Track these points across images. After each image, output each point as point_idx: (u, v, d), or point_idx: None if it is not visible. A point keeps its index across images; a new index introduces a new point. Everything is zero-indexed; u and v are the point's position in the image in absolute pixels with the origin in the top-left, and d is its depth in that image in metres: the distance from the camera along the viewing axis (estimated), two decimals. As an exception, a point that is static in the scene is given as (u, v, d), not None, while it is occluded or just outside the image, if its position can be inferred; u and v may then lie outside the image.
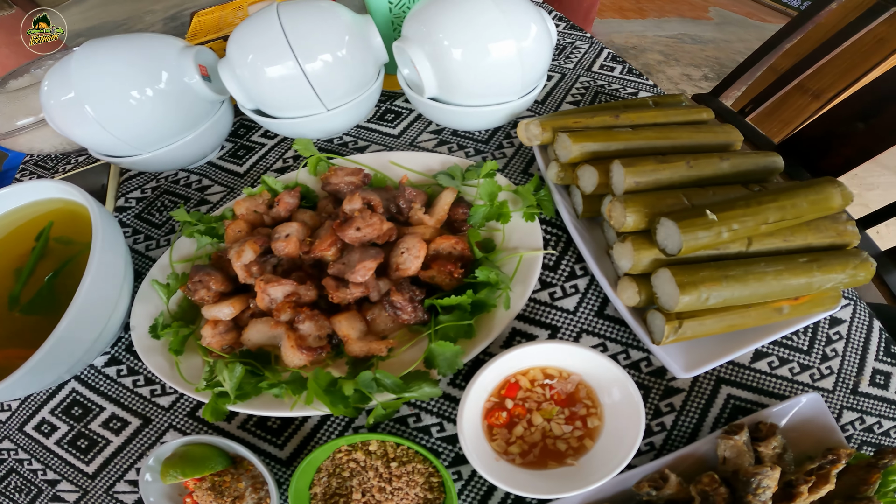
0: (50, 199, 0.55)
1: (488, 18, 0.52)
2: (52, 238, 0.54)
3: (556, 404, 0.45)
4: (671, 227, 0.42)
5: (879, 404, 0.51)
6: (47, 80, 0.56)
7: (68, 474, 0.48)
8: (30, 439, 0.51)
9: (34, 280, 0.52)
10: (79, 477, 0.48)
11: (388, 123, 0.73)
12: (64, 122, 0.56)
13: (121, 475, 0.48)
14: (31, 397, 0.54)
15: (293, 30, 0.53)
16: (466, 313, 0.47)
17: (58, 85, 0.54)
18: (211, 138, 0.65)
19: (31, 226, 0.55)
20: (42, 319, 0.49)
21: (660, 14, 3.43)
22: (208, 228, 0.56)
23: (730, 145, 0.56)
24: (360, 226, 0.48)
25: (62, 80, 0.54)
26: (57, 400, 0.53)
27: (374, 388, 0.43)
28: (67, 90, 0.54)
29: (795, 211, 0.45)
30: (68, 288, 0.47)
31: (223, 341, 0.48)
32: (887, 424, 0.50)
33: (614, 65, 0.84)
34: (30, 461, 0.49)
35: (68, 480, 0.48)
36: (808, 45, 1.49)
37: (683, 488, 0.41)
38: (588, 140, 0.51)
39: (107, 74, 0.54)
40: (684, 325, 0.44)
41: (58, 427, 0.51)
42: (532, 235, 0.53)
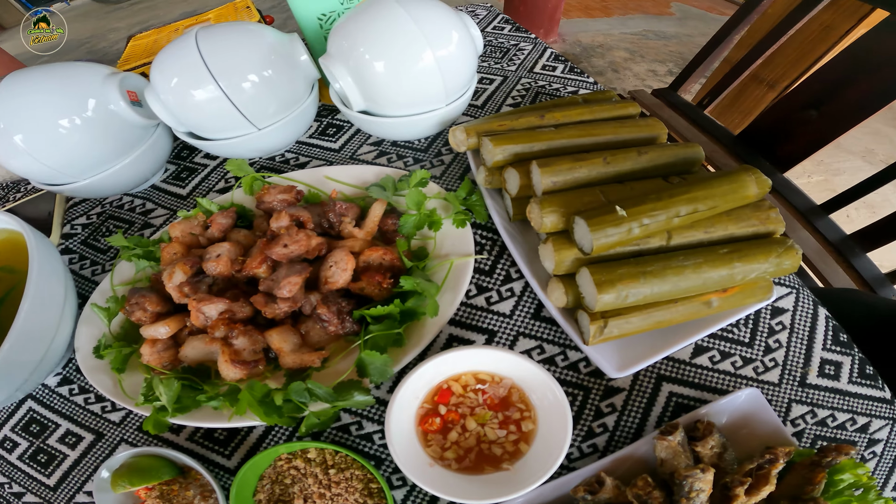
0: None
1: (403, 30, 0.53)
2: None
3: (489, 409, 0.45)
4: (583, 227, 0.43)
5: (831, 396, 0.50)
6: (-23, 113, 0.56)
7: (32, 487, 0.50)
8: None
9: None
10: (41, 489, 0.50)
11: (330, 138, 0.74)
12: (0, 153, 0.57)
13: (79, 486, 0.49)
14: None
15: (211, 53, 0.54)
16: (395, 322, 0.48)
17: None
18: (149, 162, 0.65)
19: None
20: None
21: (624, 11, 3.49)
22: (146, 252, 0.56)
23: (655, 138, 0.57)
24: (287, 242, 0.49)
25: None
26: (16, 418, 0.54)
27: (306, 398, 0.44)
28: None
29: (710, 202, 0.45)
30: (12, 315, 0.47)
31: (162, 359, 0.49)
32: (842, 417, 0.49)
33: (556, 64, 0.86)
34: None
35: (32, 493, 0.50)
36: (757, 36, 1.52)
37: (621, 492, 0.40)
38: (510, 142, 0.52)
39: (33, 105, 0.55)
40: (609, 323, 0.44)
41: (19, 443, 0.53)
42: (464, 241, 0.54)
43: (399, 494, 0.46)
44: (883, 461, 0.47)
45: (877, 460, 0.47)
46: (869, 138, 2.46)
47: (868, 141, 2.44)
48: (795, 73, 1.69)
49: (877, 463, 0.47)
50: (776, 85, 1.77)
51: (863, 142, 2.44)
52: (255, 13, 0.84)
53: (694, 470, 0.37)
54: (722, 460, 0.42)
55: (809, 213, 1.21)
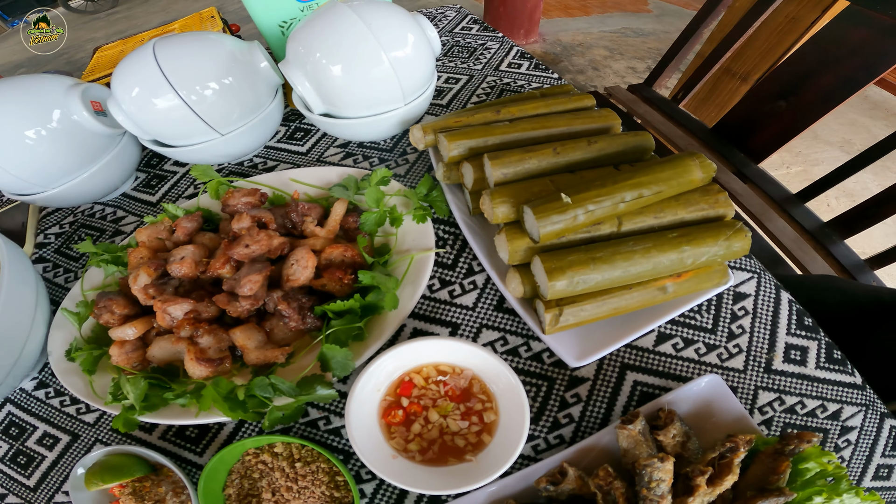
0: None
1: (356, 35, 0.55)
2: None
3: (451, 400, 0.45)
4: (531, 215, 0.44)
5: (798, 382, 0.49)
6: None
7: (13, 488, 0.51)
8: (-25, 459, 0.53)
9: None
10: (22, 490, 0.51)
11: (297, 142, 0.76)
12: (-33, 164, 0.57)
13: (58, 486, 0.50)
14: (-30, 421, 0.56)
15: (169, 63, 0.55)
16: (356, 317, 0.49)
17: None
18: (116, 170, 0.66)
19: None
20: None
21: (603, 10, 3.52)
22: (114, 257, 0.57)
23: (609, 129, 0.58)
24: (248, 242, 0.50)
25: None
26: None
27: (270, 393, 0.45)
28: (-38, 135, 0.55)
29: (655, 187, 0.45)
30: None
31: (131, 359, 0.50)
32: (811, 404, 0.48)
33: (522, 61, 0.88)
34: (-24, 478, 0.52)
35: (14, 494, 0.51)
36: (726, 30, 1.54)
37: (584, 483, 0.40)
38: (464, 138, 0.54)
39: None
40: (565, 311, 0.44)
41: None
42: (425, 236, 0.56)
43: (369, 488, 0.46)
44: (859, 449, 0.47)
45: (852, 449, 0.47)
46: (846, 129, 2.50)
47: (845, 131, 2.48)
48: (766, 65, 1.72)
49: (852, 452, 0.46)
50: (748, 78, 1.79)
51: (840, 132, 2.47)
52: (218, 22, 0.86)
53: (652, 459, 0.37)
54: (686, 449, 0.41)
55: (785, 202, 1.22)
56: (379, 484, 0.46)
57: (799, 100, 1.20)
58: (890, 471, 0.46)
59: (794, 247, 1.12)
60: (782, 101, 1.23)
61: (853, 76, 1.09)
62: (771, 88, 1.25)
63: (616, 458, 0.43)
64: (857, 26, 1.07)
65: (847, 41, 1.09)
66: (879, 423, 0.47)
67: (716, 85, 1.93)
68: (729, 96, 1.90)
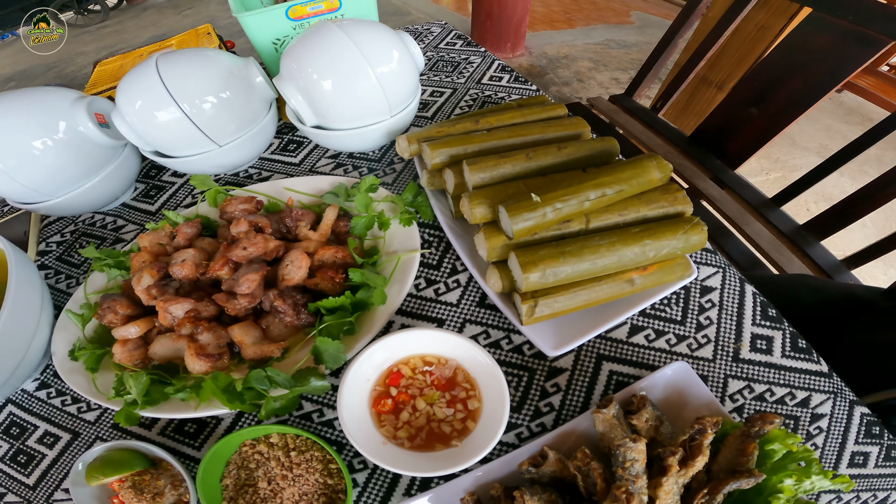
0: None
1: (344, 52, 0.59)
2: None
3: (437, 389, 0.48)
4: (504, 214, 0.48)
5: (766, 370, 0.51)
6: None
7: (12, 487, 0.52)
8: (-26, 459, 0.54)
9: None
10: (21, 489, 0.52)
11: (290, 153, 0.80)
12: (-28, 174, 0.60)
13: (57, 484, 0.52)
14: (-29, 422, 0.57)
15: (171, 78, 0.59)
16: (347, 312, 0.52)
17: (-37, 140, 0.59)
18: (118, 181, 0.70)
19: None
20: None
21: (587, 22, 3.62)
22: (117, 262, 0.60)
23: (579, 135, 0.62)
24: (245, 245, 0.53)
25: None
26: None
27: (266, 385, 0.48)
28: (-28, 144, 0.58)
29: (616, 186, 0.50)
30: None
31: (133, 357, 0.53)
32: (780, 391, 0.50)
33: (502, 74, 0.93)
34: (-25, 478, 0.53)
35: (13, 493, 0.52)
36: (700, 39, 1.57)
37: (564, 465, 0.42)
38: (445, 146, 0.58)
39: (8, 128, 0.59)
40: (540, 303, 0.48)
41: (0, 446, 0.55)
42: (411, 239, 0.60)
43: (361, 477, 0.49)
44: (831, 437, 0.49)
45: (824, 436, 0.48)
46: (822, 134, 2.57)
47: (822, 137, 2.55)
48: (740, 73, 1.76)
49: (825, 439, 0.48)
50: (724, 86, 1.85)
51: (816, 138, 2.55)
52: (214, 39, 0.90)
53: (626, 440, 0.39)
54: (659, 433, 0.43)
55: (762, 207, 1.26)
56: (371, 473, 0.49)
57: (769, 106, 1.24)
58: (865, 458, 0.48)
59: (771, 249, 1.15)
60: (754, 107, 1.27)
61: (819, 81, 1.12)
62: (743, 96, 1.29)
63: (594, 442, 0.45)
64: (820, 32, 1.11)
65: (811, 47, 1.13)
66: (849, 410, 0.50)
67: (693, 94, 1.99)
68: (706, 104, 1.96)
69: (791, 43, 1.18)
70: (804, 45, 1.14)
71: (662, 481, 0.38)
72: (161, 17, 4.65)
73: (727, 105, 1.35)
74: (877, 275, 1.77)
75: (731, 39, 1.72)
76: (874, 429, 0.49)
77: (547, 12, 3.75)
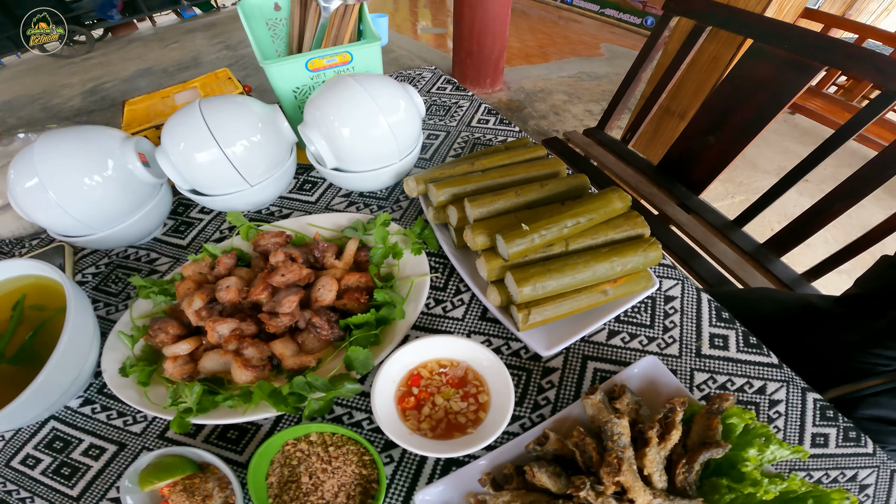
0: (18, 276, 0.64)
1: (361, 103, 0.69)
2: (26, 307, 0.63)
3: (451, 387, 0.57)
4: (501, 241, 0.59)
5: (724, 363, 0.60)
6: (13, 168, 0.64)
7: (55, 499, 0.55)
8: (16, 472, 0.57)
9: (14, 340, 0.61)
10: (65, 500, 0.54)
11: (307, 192, 0.89)
12: (28, 206, 0.65)
13: (103, 494, 0.55)
14: (14, 437, 0.61)
15: (213, 121, 0.67)
16: (373, 326, 0.62)
17: (23, 173, 0.63)
18: (155, 217, 0.77)
19: (6, 298, 0.64)
20: (24, 369, 0.57)
21: (560, 56, 3.84)
22: (162, 290, 0.68)
23: (557, 173, 0.74)
24: (283, 272, 0.63)
25: (26, 168, 0.63)
26: (38, 438, 0.60)
27: (306, 389, 0.56)
28: (32, 177, 0.62)
29: (588, 215, 0.61)
30: (46, 344, 0.58)
31: (183, 371, 0.60)
32: (739, 381, 0.59)
33: (489, 117, 1.05)
34: (18, 491, 0.56)
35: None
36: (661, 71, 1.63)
37: (563, 444, 0.49)
38: (449, 186, 0.69)
39: (63, 163, 0.64)
40: (532, 312, 0.58)
41: (42, 460, 0.58)
42: (420, 265, 0.70)
43: (389, 469, 0.55)
44: (790, 419, 0.56)
45: (784, 419, 0.56)
46: (780, 157, 2.77)
47: (780, 159, 2.75)
48: (698, 102, 1.83)
49: (785, 422, 0.56)
50: (685, 115, 1.98)
51: (775, 161, 2.75)
52: (237, 84, 0.99)
53: (611, 417, 0.46)
54: (639, 415, 0.51)
55: (725, 229, 1.37)
56: (397, 465, 0.55)
57: (723, 133, 1.34)
58: (825, 438, 0.56)
59: (735, 267, 1.25)
60: (710, 136, 1.38)
61: (765, 107, 1.22)
62: (700, 126, 1.40)
63: (586, 424, 0.54)
64: (762, 61, 1.21)
65: (755, 76, 1.23)
66: (802, 396, 0.58)
67: (659, 123, 2.11)
68: (671, 134, 2.08)
69: (737, 73, 1.29)
70: (749, 75, 1.25)
71: (646, 451, 0.46)
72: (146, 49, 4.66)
73: (687, 135, 1.46)
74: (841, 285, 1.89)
75: (688, 71, 1.83)
76: (828, 412, 0.57)
77: (523, 47, 3.98)
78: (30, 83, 4.19)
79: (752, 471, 0.44)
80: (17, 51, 4.56)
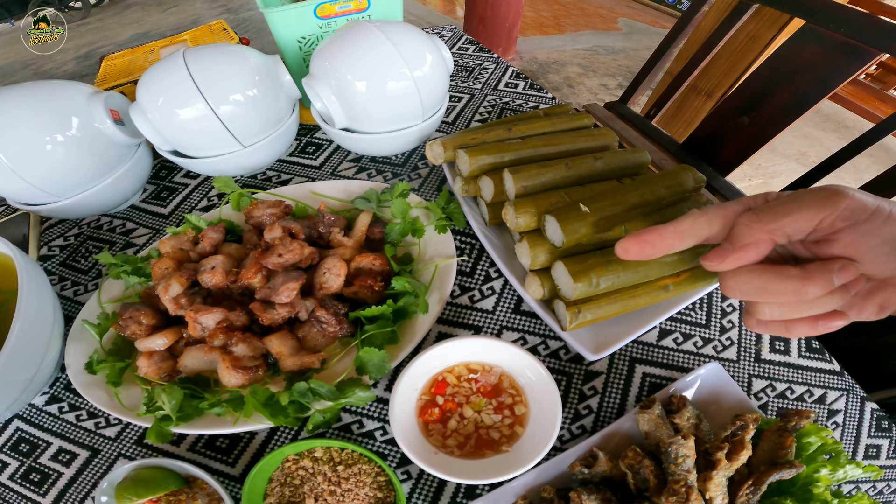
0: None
1: (383, 52, 0.58)
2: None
3: (483, 396, 0.48)
4: (553, 223, 0.48)
5: (784, 370, 0.55)
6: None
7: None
8: (-18, 477, 0.51)
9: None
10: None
11: (310, 156, 0.78)
12: (-24, 171, 0.56)
13: None
14: (-25, 440, 0.54)
15: (200, 73, 0.57)
16: (389, 321, 0.51)
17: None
18: (130, 182, 0.66)
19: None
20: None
21: (576, 28, 3.68)
22: (135, 269, 0.57)
23: (607, 146, 0.63)
24: (281, 252, 0.51)
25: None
26: (3, 439, 0.53)
27: (310, 398, 0.46)
28: (-22, 140, 0.54)
29: (655, 196, 0.51)
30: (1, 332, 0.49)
31: (160, 370, 0.50)
32: (799, 389, 0.53)
33: (518, 81, 0.93)
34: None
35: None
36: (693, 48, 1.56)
37: (614, 465, 0.43)
38: (483, 154, 0.58)
39: (17, 122, 0.55)
40: (583, 310, 0.48)
41: (8, 463, 0.51)
42: (445, 245, 0.59)
43: (405, 488, 0.48)
44: (847, 430, 0.52)
45: (840, 430, 0.52)
46: (800, 142, 2.67)
47: (800, 144, 2.65)
48: (728, 82, 1.81)
49: (841, 433, 0.52)
50: (713, 94, 1.90)
51: (795, 145, 2.65)
52: (233, 35, 0.87)
53: (677, 437, 0.41)
54: (699, 431, 0.45)
55: None
56: (415, 484, 0.48)
57: (759, 115, 1.26)
58: (878, 450, 0.51)
59: None
60: (745, 116, 1.29)
61: (807, 92, 1.14)
62: (734, 105, 1.31)
63: (637, 441, 0.47)
64: (810, 43, 1.13)
65: (800, 58, 1.15)
66: (861, 406, 0.53)
67: (683, 102, 2.03)
68: (695, 112, 2.01)
69: (781, 54, 1.21)
70: (794, 57, 1.17)
71: (712, 475, 0.40)
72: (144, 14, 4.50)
73: (719, 114, 1.38)
74: None
75: (721, 49, 1.71)
76: (883, 423, 0.53)
77: (537, 17, 3.80)
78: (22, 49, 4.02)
79: (823, 492, 0.41)
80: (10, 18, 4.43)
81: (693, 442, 0.41)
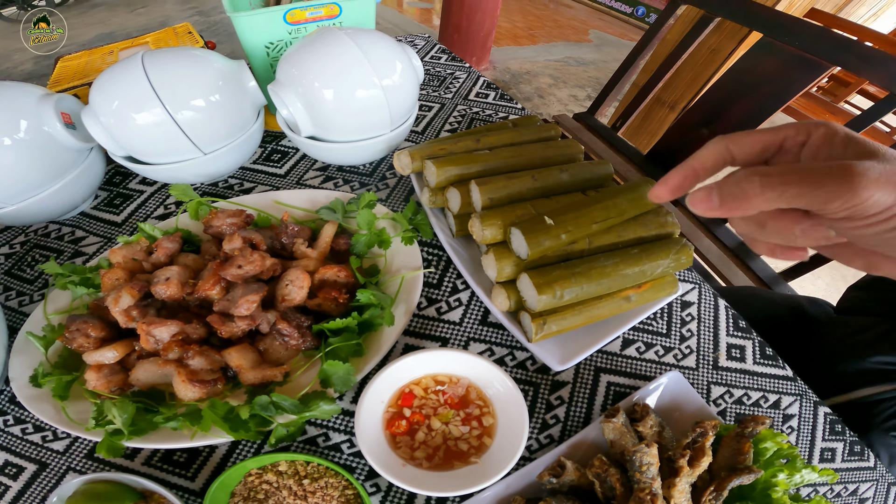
0: None
1: (352, 59, 0.57)
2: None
3: (450, 407, 0.48)
4: (519, 236, 0.48)
5: (741, 376, 0.56)
6: None
7: None
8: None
9: None
10: None
11: (275, 164, 0.76)
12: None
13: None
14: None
15: (158, 76, 0.55)
16: (354, 333, 0.50)
17: None
18: (81, 188, 0.63)
19: None
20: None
21: (549, 39, 3.76)
22: (83, 279, 0.54)
23: (573, 157, 0.64)
24: (241, 263, 0.50)
25: None
26: None
27: (272, 411, 0.45)
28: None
29: (618, 210, 0.52)
30: None
31: (110, 383, 0.47)
32: (755, 395, 0.55)
33: (488, 91, 0.94)
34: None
35: None
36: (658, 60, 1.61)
37: (582, 474, 0.44)
38: (451, 165, 0.58)
39: None
40: (548, 321, 0.49)
41: None
42: (412, 257, 0.58)
43: (374, 501, 0.47)
44: (802, 434, 0.54)
45: (795, 434, 0.53)
46: (759, 153, 2.83)
47: (765, 155, 2.81)
48: (691, 94, 1.87)
49: (796, 437, 0.53)
50: (676, 106, 1.96)
51: (762, 156, 2.80)
52: (198, 38, 0.84)
53: (640, 445, 0.42)
54: (662, 438, 0.46)
55: (709, 223, 1.33)
56: (384, 496, 0.47)
57: (718, 127, 1.29)
58: (833, 453, 0.53)
59: (719, 263, 1.22)
60: (704, 128, 1.34)
61: (765, 104, 1.19)
62: (695, 117, 1.36)
63: (604, 450, 0.47)
64: (768, 56, 1.17)
65: (759, 70, 1.19)
66: (814, 410, 0.55)
67: (648, 113, 2.08)
68: (659, 124, 2.06)
69: (740, 66, 1.25)
70: (752, 69, 1.21)
71: (675, 482, 0.41)
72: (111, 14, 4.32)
73: (681, 126, 1.42)
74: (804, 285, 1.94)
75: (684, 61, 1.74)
76: (837, 426, 0.55)
77: (511, 28, 3.86)
78: (-24, 49, 3.81)
79: (781, 496, 0.42)
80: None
81: (656, 449, 0.42)
